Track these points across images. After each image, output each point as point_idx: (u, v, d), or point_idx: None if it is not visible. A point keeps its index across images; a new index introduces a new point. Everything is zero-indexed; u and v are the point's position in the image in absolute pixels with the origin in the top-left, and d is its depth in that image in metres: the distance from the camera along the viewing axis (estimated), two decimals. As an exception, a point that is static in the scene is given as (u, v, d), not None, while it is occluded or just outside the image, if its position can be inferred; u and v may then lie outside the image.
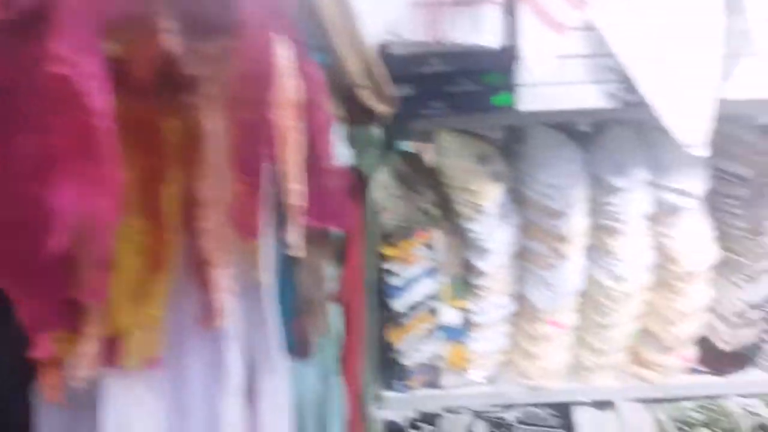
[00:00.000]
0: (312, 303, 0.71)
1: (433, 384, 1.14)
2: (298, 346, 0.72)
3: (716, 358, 1.12)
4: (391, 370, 1.12)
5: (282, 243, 0.63)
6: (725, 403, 1.09)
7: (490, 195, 1.04)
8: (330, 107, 0.67)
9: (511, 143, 1.14)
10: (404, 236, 1.08)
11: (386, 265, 1.08)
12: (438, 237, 1.09)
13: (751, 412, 1.02)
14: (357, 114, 0.75)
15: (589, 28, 0.89)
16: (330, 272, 0.76)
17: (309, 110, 0.59)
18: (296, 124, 0.60)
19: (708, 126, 0.86)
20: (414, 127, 1.08)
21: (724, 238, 1.11)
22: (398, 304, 1.09)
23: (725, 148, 1.07)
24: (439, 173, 1.10)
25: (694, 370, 1.14)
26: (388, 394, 1.12)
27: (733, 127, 1.08)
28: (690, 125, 0.90)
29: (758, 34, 0.84)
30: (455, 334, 1.13)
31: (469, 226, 1.07)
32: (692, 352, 1.13)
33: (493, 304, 1.12)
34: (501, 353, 1.12)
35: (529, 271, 1.12)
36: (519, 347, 1.14)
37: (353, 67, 0.72)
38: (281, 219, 0.63)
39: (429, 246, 1.10)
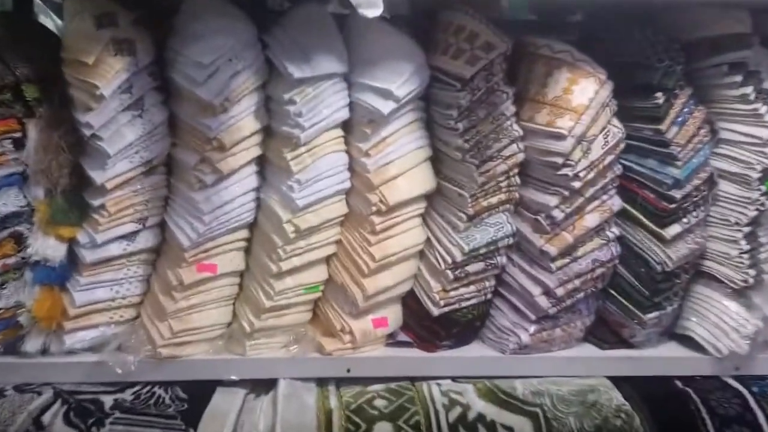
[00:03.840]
0: None
1: (11, 349, 1.07)
2: None
3: (425, 326, 1.16)
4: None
5: None
6: (423, 388, 1.12)
7: (109, 72, 0.91)
8: None
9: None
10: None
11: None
12: (34, 130, 1.03)
13: (453, 401, 0.97)
14: None
15: None
16: None
17: None
18: None
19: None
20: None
21: (439, 162, 1.15)
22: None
23: (441, 39, 1.12)
24: (58, 42, 1.03)
25: (394, 342, 1.17)
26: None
27: (453, 13, 1.13)
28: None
29: None
30: (52, 276, 1.06)
31: (82, 117, 1.01)
32: (394, 316, 1.16)
33: (114, 235, 1.06)
34: (124, 307, 1.00)
35: (175, 192, 1.10)
36: (152, 300, 1.12)
37: None
38: None
39: (17, 142, 1.03)
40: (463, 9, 1.14)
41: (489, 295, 1.16)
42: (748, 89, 1.11)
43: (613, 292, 1.18)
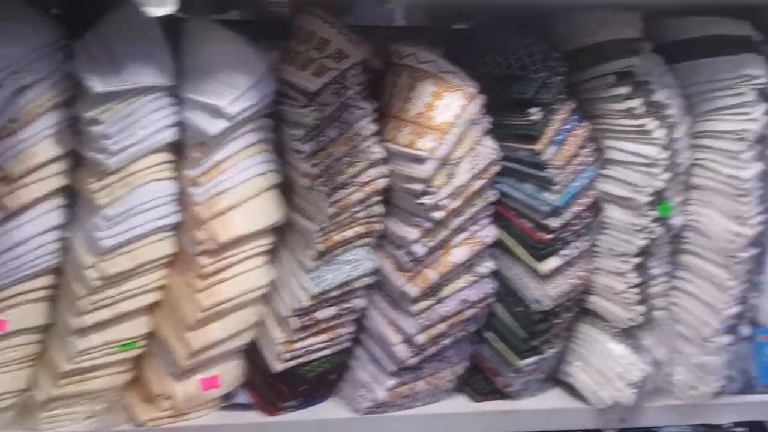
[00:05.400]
0: None
1: None
2: None
3: (268, 384, 1.02)
4: None
5: None
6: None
7: None
8: None
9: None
10: None
11: None
12: None
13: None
14: None
15: None
16: None
17: None
18: None
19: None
20: None
21: (292, 191, 1.02)
22: None
23: (291, 48, 0.98)
24: None
25: (231, 404, 1.02)
26: None
27: (306, 18, 1.00)
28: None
29: None
30: None
31: None
32: (230, 374, 1.01)
33: None
34: None
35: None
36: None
37: None
38: None
39: None
40: (316, 13, 1.00)
41: (347, 344, 1.02)
42: (636, 102, 0.99)
43: (488, 335, 1.05)
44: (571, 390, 1.08)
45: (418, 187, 0.94)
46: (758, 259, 1.06)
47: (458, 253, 0.98)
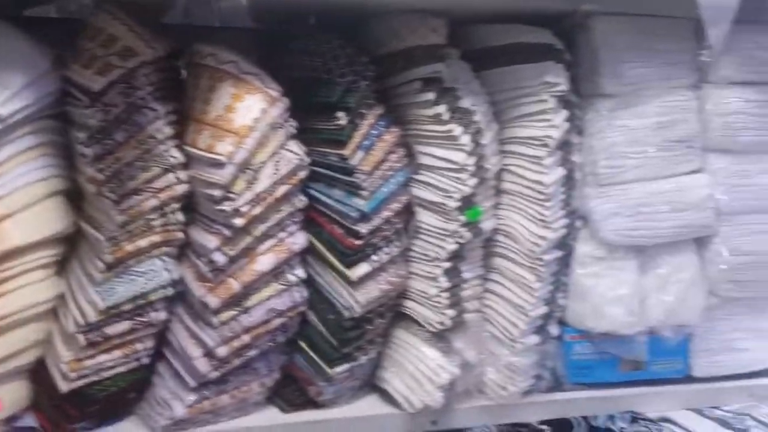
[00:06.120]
0: None
1: None
2: None
3: (55, 405, 0.94)
4: None
5: None
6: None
7: None
8: None
9: None
10: None
11: None
12: None
13: None
14: None
15: None
16: None
17: None
18: None
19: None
20: None
21: (83, 198, 0.96)
22: None
23: (79, 46, 0.92)
24: None
25: (14, 428, 0.94)
26: None
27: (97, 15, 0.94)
28: None
29: None
30: None
31: None
32: (12, 396, 0.93)
33: None
34: None
35: None
36: None
37: None
38: None
39: None
40: (110, 10, 0.94)
41: (145, 360, 0.96)
42: (442, 108, 1.00)
43: (302, 343, 1.03)
44: (387, 396, 1.08)
45: (217, 192, 0.90)
46: (564, 261, 1.10)
47: (264, 261, 0.95)
